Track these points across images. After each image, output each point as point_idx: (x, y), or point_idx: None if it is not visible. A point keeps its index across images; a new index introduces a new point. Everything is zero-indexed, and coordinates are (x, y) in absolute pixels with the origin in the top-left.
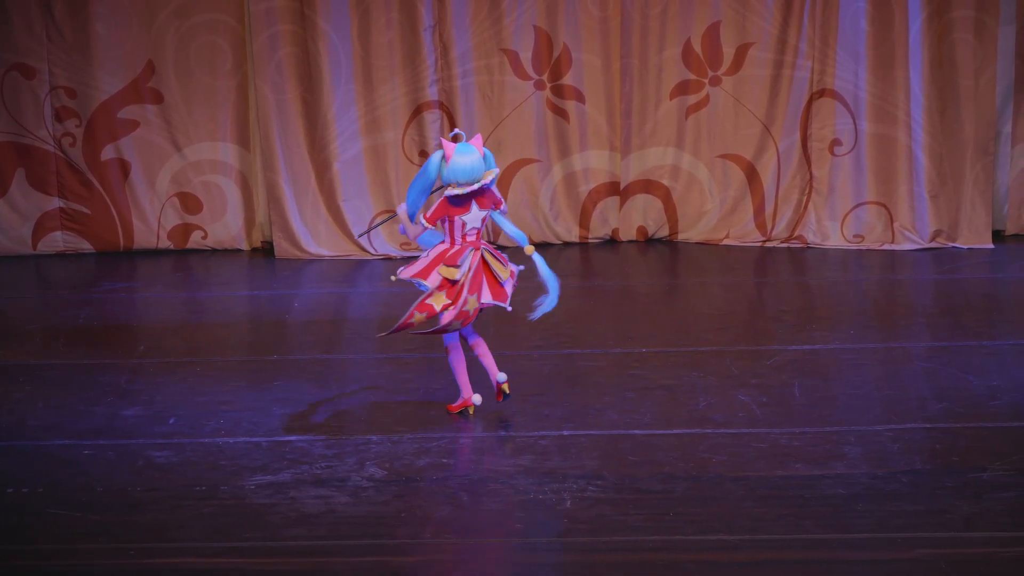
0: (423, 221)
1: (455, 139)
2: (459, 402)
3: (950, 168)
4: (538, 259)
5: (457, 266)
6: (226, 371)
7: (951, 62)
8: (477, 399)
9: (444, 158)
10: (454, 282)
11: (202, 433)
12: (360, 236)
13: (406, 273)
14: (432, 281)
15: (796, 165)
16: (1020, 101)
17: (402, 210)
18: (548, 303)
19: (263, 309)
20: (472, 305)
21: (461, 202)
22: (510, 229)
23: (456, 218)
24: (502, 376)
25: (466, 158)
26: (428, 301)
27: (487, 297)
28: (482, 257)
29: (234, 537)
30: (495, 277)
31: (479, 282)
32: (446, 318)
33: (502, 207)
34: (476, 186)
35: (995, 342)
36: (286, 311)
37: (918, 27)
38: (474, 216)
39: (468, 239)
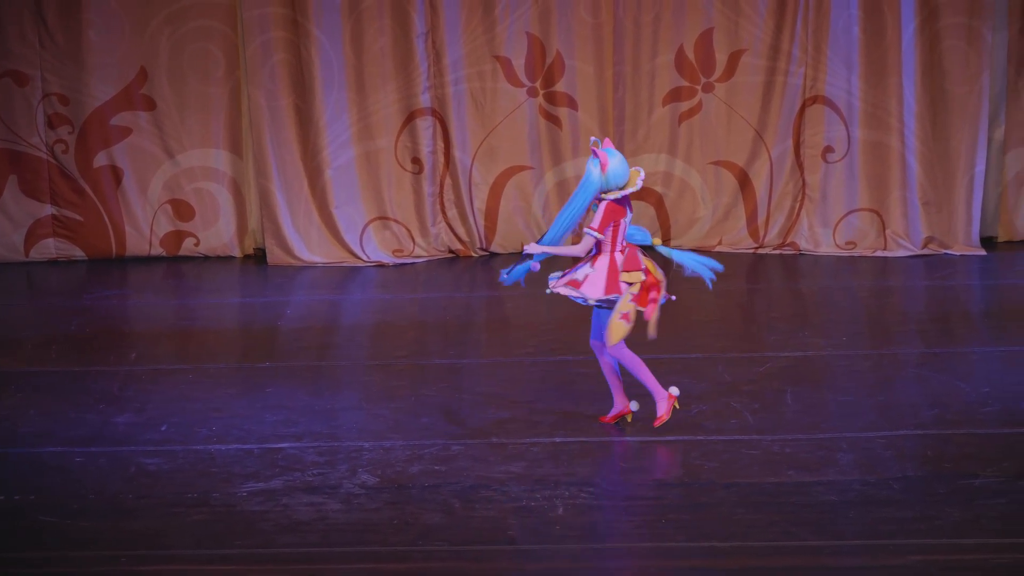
0: (594, 233)
1: (594, 146)
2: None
3: (942, 175)
4: (664, 250)
5: (641, 269)
6: (218, 378)
7: (943, 69)
8: (634, 405)
9: (601, 167)
10: (630, 283)
11: (194, 440)
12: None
13: (566, 289)
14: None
15: (789, 172)
16: (1012, 108)
17: (538, 251)
18: (707, 273)
19: (255, 316)
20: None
21: (622, 205)
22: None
23: (620, 222)
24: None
25: (618, 160)
26: (625, 312)
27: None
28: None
29: (226, 544)
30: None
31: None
32: (652, 314)
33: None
34: (634, 188)
35: (986, 348)
36: (278, 318)
37: (910, 34)
38: (629, 216)
39: (626, 241)
